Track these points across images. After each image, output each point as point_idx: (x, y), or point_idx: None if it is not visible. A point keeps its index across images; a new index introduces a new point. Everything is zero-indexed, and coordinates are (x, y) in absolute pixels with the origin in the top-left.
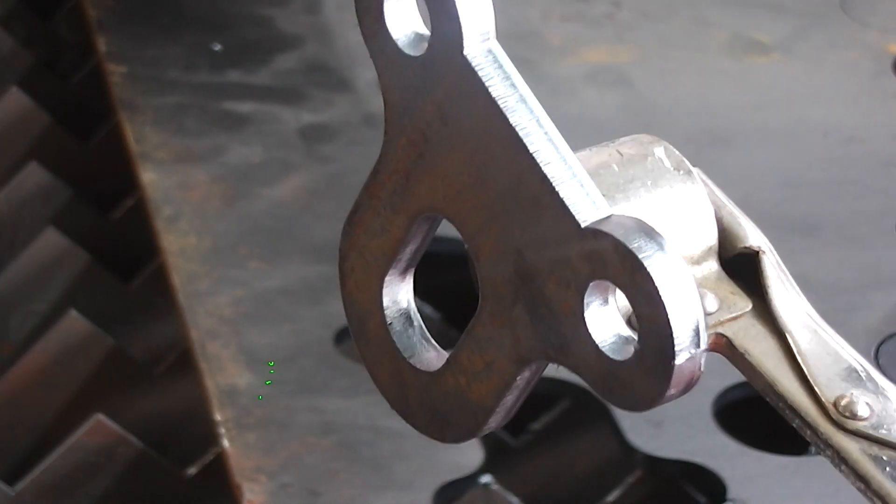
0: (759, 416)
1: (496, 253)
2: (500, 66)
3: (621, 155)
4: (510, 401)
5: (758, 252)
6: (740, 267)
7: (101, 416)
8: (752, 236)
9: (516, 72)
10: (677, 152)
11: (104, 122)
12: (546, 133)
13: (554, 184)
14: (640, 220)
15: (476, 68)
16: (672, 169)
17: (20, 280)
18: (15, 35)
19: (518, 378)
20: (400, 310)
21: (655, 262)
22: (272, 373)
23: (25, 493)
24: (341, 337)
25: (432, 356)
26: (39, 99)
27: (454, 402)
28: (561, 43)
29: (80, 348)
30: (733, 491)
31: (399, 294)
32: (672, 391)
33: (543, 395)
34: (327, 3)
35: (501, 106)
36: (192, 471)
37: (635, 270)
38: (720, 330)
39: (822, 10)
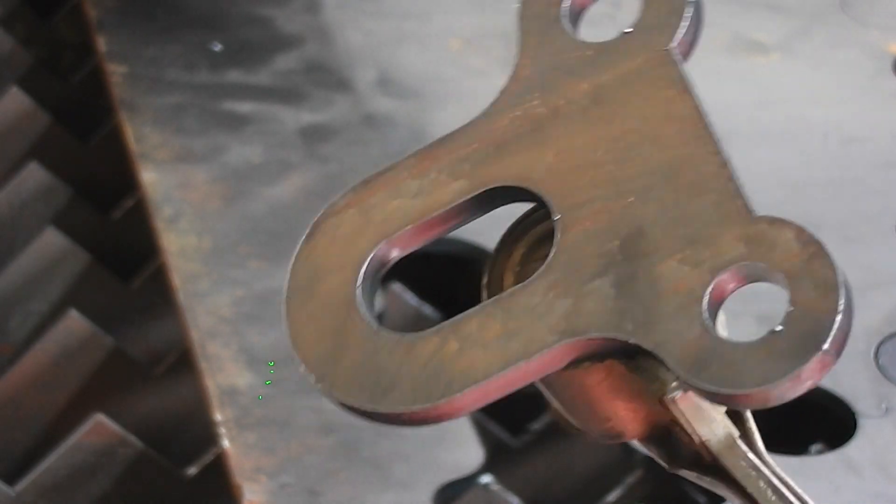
0: (758, 416)
1: (599, 227)
2: (683, 63)
3: None
4: (510, 377)
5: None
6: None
7: (101, 416)
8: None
9: None
10: None
11: (104, 122)
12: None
13: (732, 172)
14: None
15: (677, 61)
16: None
17: (20, 280)
18: (15, 35)
19: (545, 351)
20: (377, 271)
21: (832, 257)
22: (272, 373)
23: (25, 493)
24: None
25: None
26: (39, 99)
27: (419, 369)
28: None
29: (80, 348)
30: None
31: (391, 254)
32: (803, 376)
33: (544, 395)
34: (327, 3)
35: (694, 97)
36: (192, 471)
37: (814, 258)
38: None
39: (822, 10)
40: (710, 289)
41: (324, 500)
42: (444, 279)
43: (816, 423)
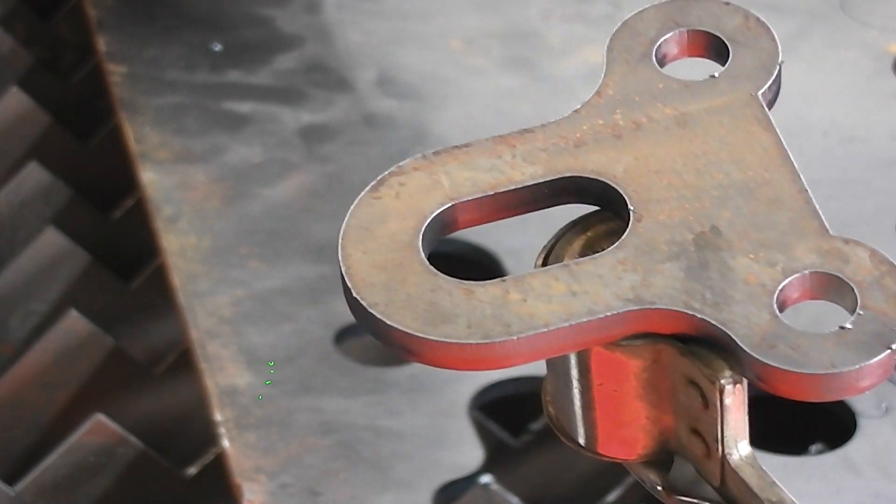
0: (758, 416)
1: (676, 221)
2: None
3: None
4: (569, 333)
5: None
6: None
7: (101, 416)
8: None
9: None
10: None
11: (104, 122)
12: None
13: (811, 199)
14: None
15: (764, 105)
16: None
17: (20, 280)
18: (15, 35)
19: (609, 313)
20: (440, 231)
21: None
22: (272, 373)
23: (25, 493)
24: (341, 337)
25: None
26: (39, 99)
27: (479, 308)
28: (561, 43)
29: (80, 348)
30: None
31: (456, 219)
32: (866, 371)
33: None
34: (327, 3)
35: (778, 135)
36: (192, 471)
37: (887, 275)
38: None
39: (822, 10)
40: (781, 287)
41: (324, 500)
42: None
43: (816, 423)
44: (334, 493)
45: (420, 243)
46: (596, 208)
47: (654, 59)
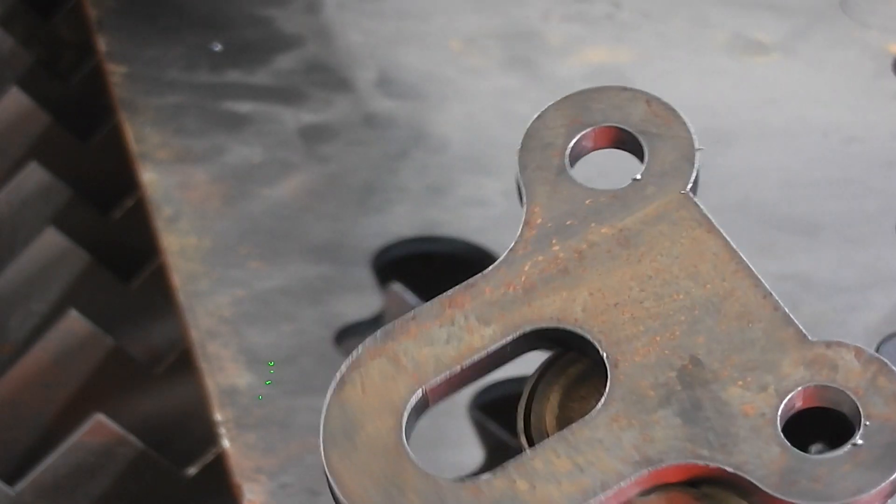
0: None
1: (651, 360)
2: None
3: None
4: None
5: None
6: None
7: (101, 416)
8: None
9: None
10: None
11: (104, 122)
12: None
13: (776, 299)
14: None
15: (697, 203)
16: None
17: (20, 280)
18: (15, 35)
19: (622, 482)
20: (417, 417)
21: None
22: (272, 373)
23: (25, 493)
24: (341, 337)
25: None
26: (39, 99)
27: None
28: (561, 43)
29: (80, 348)
30: None
31: (428, 401)
32: (888, 487)
33: None
34: (327, 3)
35: (723, 235)
36: (192, 471)
37: (879, 374)
38: None
39: (822, 10)
40: (779, 411)
41: (324, 500)
42: (444, 279)
43: (816, 423)
44: None
45: (405, 441)
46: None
47: (569, 170)
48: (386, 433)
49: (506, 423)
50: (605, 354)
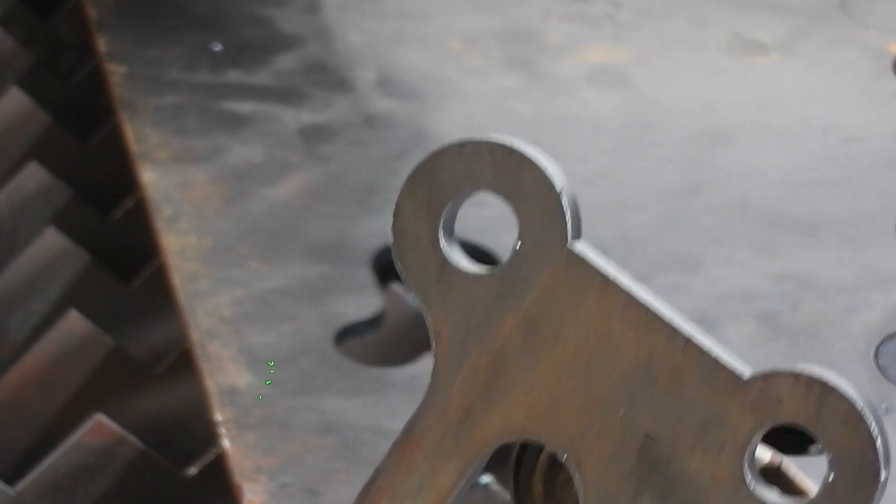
0: None
1: (609, 451)
2: (595, 249)
3: None
4: None
5: (779, 466)
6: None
7: (101, 416)
8: (764, 455)
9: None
10: None
11: (104, 122)
12: (667, 307)
13: (700, 346)
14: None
15: (584, 257)
16: None
17: (20, 280)
18: (15, 35)
19: None
20: None
21: (842, 385)
22: (272, 373)
23: (25, 493)
24: (341, 337)
25: None
26: (39, 99)
27: None
28: (561, 43)
29: (80, 348)
30: None
31: None
32: None
33: None
34: (327, 3)
35: (622, 286)
36: (192, 471)
37: (824, 397)
38: None
39: (822, 10)
40: (745, 469)
41: (324, 500)
42: None
43: None
44: (334, 493)
45: None
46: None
47: (450, 260)
48: None
49: None
50: (565, 456)
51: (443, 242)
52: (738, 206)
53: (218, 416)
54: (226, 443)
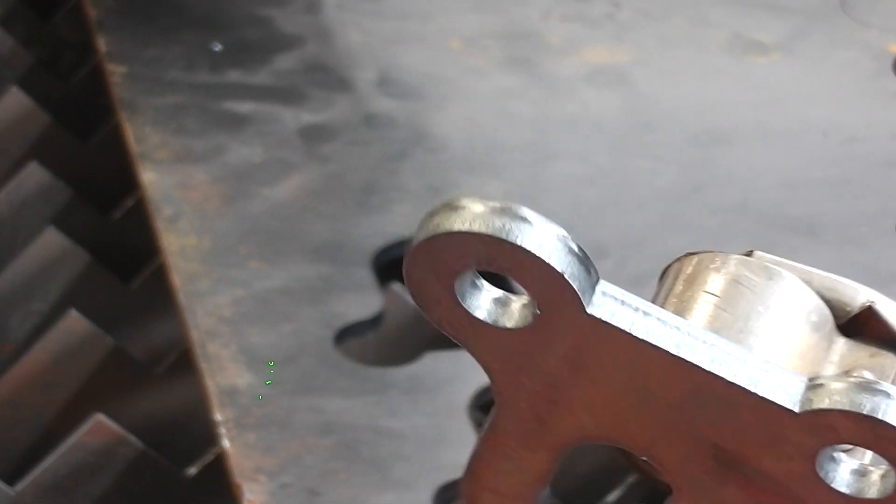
0: None
1: (684, 453)
2: (623, 302)
3: (717, 296)
4: None
5: (871, 306)
6: (855, 326)
7: (101, 416)
8: (856, 294)
9: (633, 296)
10: (751, 259)
11: (104, 122)
12: (703, 341)
13: (744, 385)
14: (841, 376)
15: (606, 319)
16: (766, 280)
17: (20, 280)
18: (15, 35)
19: None
20: None
21: (891, 411)
22: (272, 373)
23: (25, 493)
24: (341, 337)
25: None
26: (39, 99)
27: None
28: (561, 43)
29: (80, 348)
30: None
31: None
32: None
33: None
34: (327, 3)
35: (650, 341)
36: (192, 471)
37: (876, 427)
38: None
39: (822, 10)
40: (817, 470)
41: (324, 500)
42: None
43: None
44: (334, 493)
45: None
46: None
47: (476, 314)
48: None
49: None
50: (645, 458)
51: (465, 304)
52: (738, 206)
53: (218, 416)
54: (226, 443)
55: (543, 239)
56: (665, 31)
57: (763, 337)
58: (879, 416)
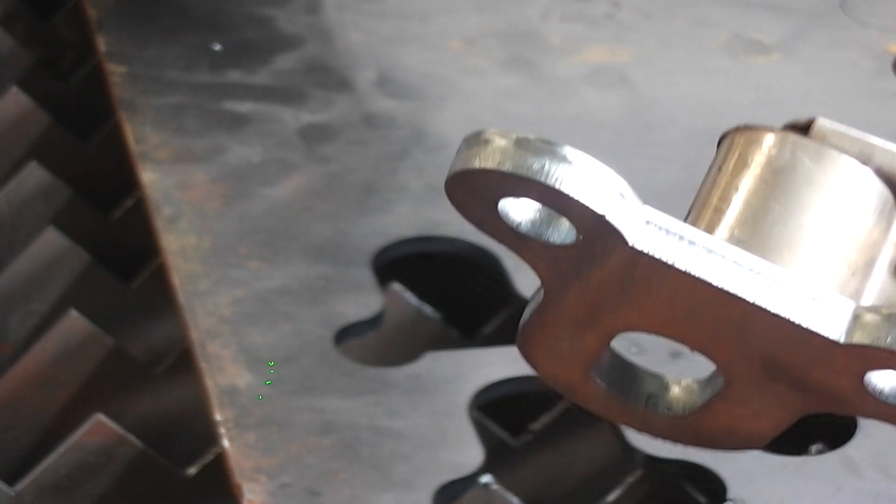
0: None
1: (735, 356)
2: (668, 231)
3: (770, 185)
4: (787, 425)
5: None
6: None
7: (101, 416)
8: None
9: (677, 222)
10: (808, 142)
11: (104, 122)
12: (749, 269)
13: (789, 317)
14: (879, 308)
15: (649, 252)
16: (822, 166)
17: (20, 280)
18: (15, 35)
19: (795, 417)
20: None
21: None
22: (272, 373)
23: (25, 493)
24: (341, 337)
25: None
26: (39, 99)
27: (723, 432)
28: (561, 43)
29: (80, 348)
30: (733, 491)
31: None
32: None
33: (543, 395)
34: (327, 3)
35: (694, 273)
36: (192, 471)
37: None
38: None
39: (822, 10)
40: (866, 386)
41: (324, 500)
42: (444, 279)
43: (816, 423)
44: (334, 493)
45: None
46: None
47: (520, 231)
48: (596, 391)
49: (506, 423)
50: (699, 351)
51: (508, 220)
52: None
53: (218, 416)
54: (226, 443)
55: (582, 179)
56: (665, 31)
57: (817, 232)
58: None
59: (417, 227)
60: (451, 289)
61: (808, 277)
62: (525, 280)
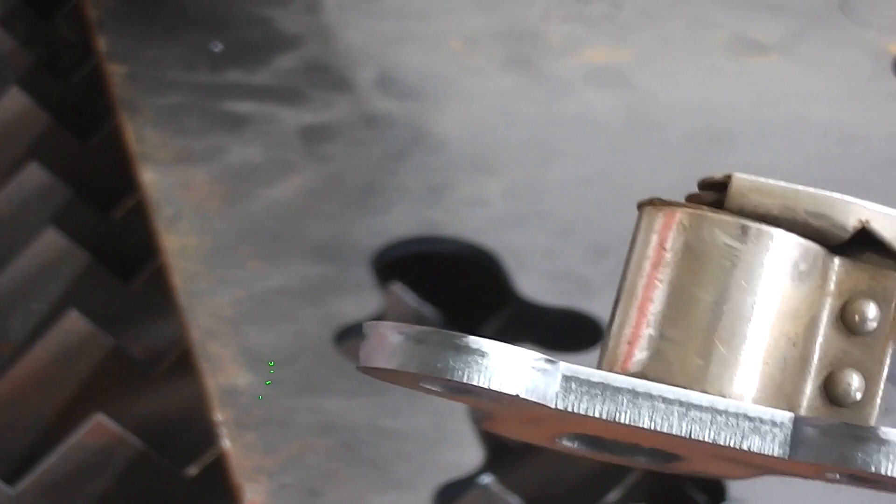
0: None
1: (689, 452)
2: (588, 385)
3: (693, 271)
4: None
5: (864, 226)
6: (851, 246)
7: (101, 416)
8: (848, 211)
9: (598, 373)
10: (727, 218)
11: (104, 122)
12: (679, 404)
13: (729, 444)
14: (818, 421)
15: (573, 410)
16: (742, 243)
17: (20, 280)
18: (15, 35)
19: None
20: None
21: (882, 460)
22: (272, 373)
23: (25, 493)
24: (341, 337)
25: None
26: (39, 99)
27: (699, 474)
28: (561, 43)
29: (80, 348)
30: (733, 491)
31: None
32: None
33: None
34: (327, 3)
35: (623, 422)
36: (192, 471)
37: (870, 477)
38: None
39: (822, 10)
40: (819, 477)
41: (324, 500)
42: (444, 279)
43: None
44: (334, 493)
45: None
46: None
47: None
48: None
49: None
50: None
51: (436, 390)
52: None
53: (218, 416)
54: (226, 443)
55: (489, 369)
56: (665, 31)
57: (750, 314)
58: (872, 471)
59: (417, 227)
60: (451, 289)
61: (745, 384)
62: (525, 280)
